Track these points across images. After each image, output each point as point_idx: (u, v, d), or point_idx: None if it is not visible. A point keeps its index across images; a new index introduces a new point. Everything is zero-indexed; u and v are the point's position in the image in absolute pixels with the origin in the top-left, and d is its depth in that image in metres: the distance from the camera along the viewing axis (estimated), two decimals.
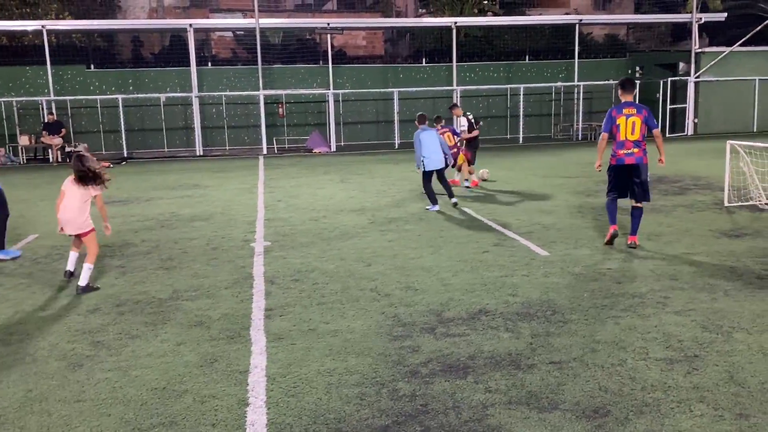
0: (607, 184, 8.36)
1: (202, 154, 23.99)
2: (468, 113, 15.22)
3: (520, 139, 26.19)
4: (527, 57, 29.20)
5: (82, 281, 6.81)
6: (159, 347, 5.25)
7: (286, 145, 25.73)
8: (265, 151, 23.88)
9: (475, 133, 14.28)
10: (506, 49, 29.74)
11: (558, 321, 5.60)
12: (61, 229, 7.02)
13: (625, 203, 8.37)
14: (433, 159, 11.03)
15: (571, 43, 27.71)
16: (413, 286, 6.71)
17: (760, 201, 10.77)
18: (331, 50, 25.47)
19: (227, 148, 25.65)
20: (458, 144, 13.31)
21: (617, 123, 7.99)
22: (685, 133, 26.10)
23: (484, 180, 14.57)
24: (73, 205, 6.89)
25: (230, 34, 30.46)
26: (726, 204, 10.74)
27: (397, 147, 24.82)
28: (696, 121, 26.46)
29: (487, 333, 5.36)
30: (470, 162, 14.08)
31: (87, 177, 6.93)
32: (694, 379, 4.42)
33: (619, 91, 8.26)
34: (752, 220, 9.54)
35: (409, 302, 6.19)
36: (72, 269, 7.28)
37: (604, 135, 8.19)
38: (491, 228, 9.48)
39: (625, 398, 4.17)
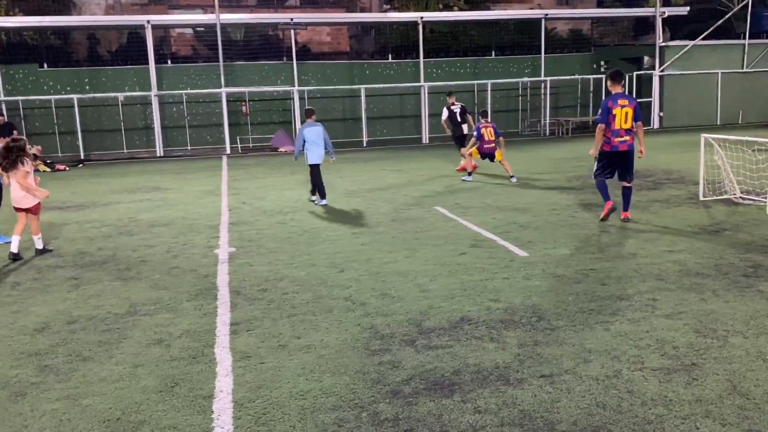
0: (596, 168, 9.14)
1: (162, 155, 23.25)
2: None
3: None
4: (493, 53, 29.07)
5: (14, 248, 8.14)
6: (113, 371, 4.76)
7: (251, 145, 25.14)
8: (228, 151, 23.25)
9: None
10: (472, 44, 29.56)
11: (545, 328, 5.28)
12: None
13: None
14: (315, 153, 11.52)
15: (535, 38, 27.65)
16: (390, 293, 6.33)
17: (734, 195, 10.66)
18: (295, 46, 24.93)
19: (189, 148, 24.93)
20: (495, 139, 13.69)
21: (613, 113, 8.62)
22: (651, 127, 26.25)
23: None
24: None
25: (190, 30, 29.65)
26: (701, 198, 10.60)
27: (365, 145, 24.41)
28: (661, 114, 26.64)
29: (471, 344, 5.00)
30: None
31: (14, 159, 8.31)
32: (695, 390, 4.12)
33: (609, 83, 8.90)
34: (729, 215, 9.40)
35: (386, 311, 5.80)
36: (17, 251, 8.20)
37: (602, 126, 8.75)
38: (466, 228, 9.15)
39: (625, 415, 3.85)
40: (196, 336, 5.40)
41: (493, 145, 13.61)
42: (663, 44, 26.22)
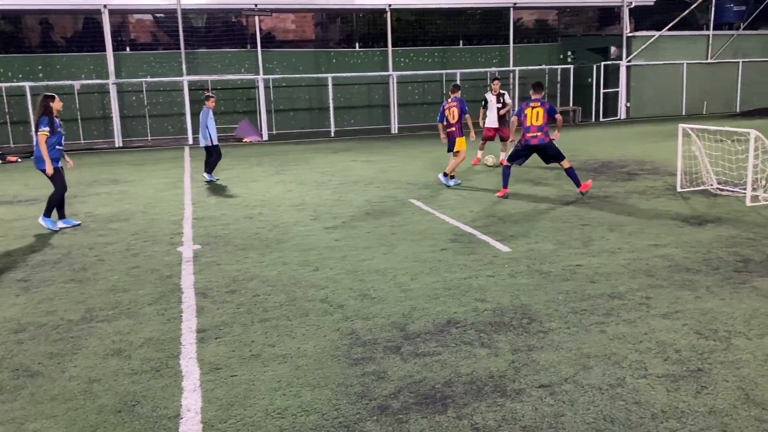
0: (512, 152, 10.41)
1: (121, 145, 22.36)
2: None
3: None
4: (461, 42, 28.76)
5: None
6: (66, 388, 4.26)
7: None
8: (191, 141, 22.47)
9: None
10: (439, 34, 29.19)
11: (538, 331, 4.94)
12: None
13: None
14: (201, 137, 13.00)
15: (503, 28, 27.42)
16: (369, 293, 5.92)
17: (711, 186, 10.52)
18: (260, 34, 24.19)
19: (149, 138, 24.05)
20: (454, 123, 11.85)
21: (525, 113, 10.15)
22: (619, 117, 26.31)
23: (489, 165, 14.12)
24: None
25: (149, 16, 28.59)
26: (679, 189, 10.44)
27: (333, 135, 23.88)
28: (628, 105, 26.71)
29: (461, 350, 4.63)
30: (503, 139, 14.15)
31: None
32: (707, 400, 3.82)
33: (531, 92, 10.37)
34: (710, 206, 9.23)
35: (367, 314, 5.39)
36: None
37: (515, 119, 10.60)
38: (444, 222, 8.79)
39: (636, 430, 3.53)
40: (159, 345, 4.91)
41: (454, 130, 11.75)
42: (630, 34, 26.24)
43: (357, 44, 27.43)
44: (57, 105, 8.96)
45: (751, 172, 9.32)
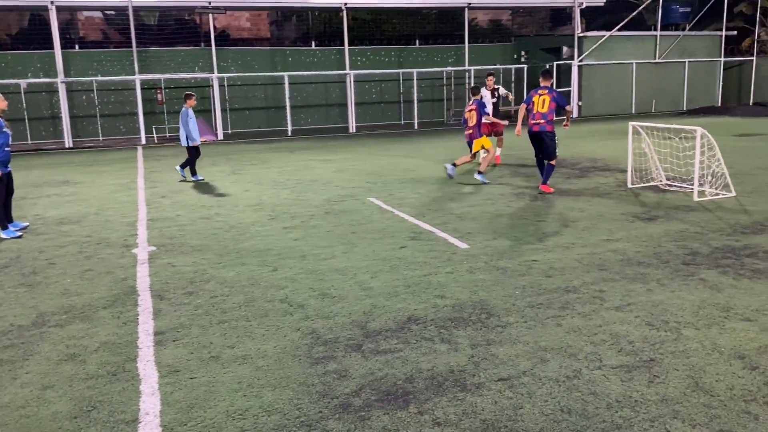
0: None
1: (71, 146, 21.77)
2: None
3: (415, 125, 25.90)
4: (417, 42, 28.93)
5: None
6: (17, 395, 4.14)
7: (167, 134, 23.94)
8: (144, 141, 22.04)
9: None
10: (396, 33, 29.30)
11: (496, 326, 5.02)
12: None
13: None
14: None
15: (458, 27, 27.70)
16: (329, 292, 5.91)
17: (660, 182, 10.84)
18: (214, 32, 23.87)
19: (101, 138, 23.48)
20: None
21: (533, 100, 10.37)
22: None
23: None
24: None
25: (99, 13, 27.91)
26: (630, 186, 10.73)
27: (290, 134, 23.74)
28: (580, 103, 27.29)
29: (422, 346, 4.68)
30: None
31: None
32: (659, 389, 3.95)
33: (540, 78, 10.51)
34: (659, 202, 9.51)
35: (327, 313, 5.39)
36: None
37: (523, 105, 10.60)
38: (404, 220, 8.84)
39: (592, 420, 3.62)
40: (115, 349, 4.81)
41: (472, 132, 11.76)
42: (581, 35, 26.81)
43: (313, 43, 27.33)
44: (1, 104, 8.61)
45: (697, 169, 9.64)
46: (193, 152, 13.04)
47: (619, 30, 26.76)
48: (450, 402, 3.88)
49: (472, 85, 13.88)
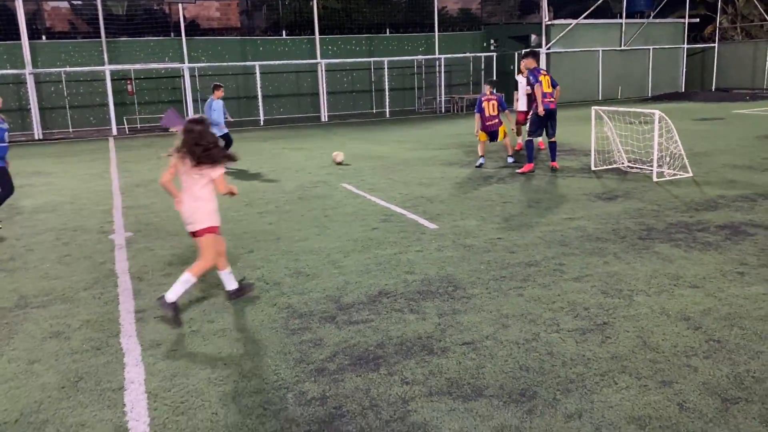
0: (531, 128, 11.03)
1: (41, 137, 21.58)
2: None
3: (387, 113, 26.11)
4: (387, 30, 29.09)
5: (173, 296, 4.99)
6: (6, 369, 4.33)
7: (138, 125, 23.84)
8: (115, 132, 21.93)
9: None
10: (366, 22, 29.44)
11: (461, 297, 5.32)
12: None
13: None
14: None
15: (428, 17, 27.93)
16: (304, 271, 6.16)
17: (623, 164, 11.26)
18: (184, 21, 23.77)
19: (71, 130, 23.29)
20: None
21: (540, 80, 10.86)
22: None
23: (338, 163, 12.96)
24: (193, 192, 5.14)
25: (66, 3, 27.54)
26: (593, 168, 11.13)
27: (262, 123, 23.80)
28: None
29: (392, 316, 4.96)
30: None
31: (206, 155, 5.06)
32: (610, 348, 4.29)
33: (531, 61, 11.18)
34: (620, 182, 9.92)
35: (302, 290, 5.64)
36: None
37: (538, 86, 10.91)
38: (375, 204, 9.10)
39: (548, 376, 3.94)
40: (98, 326, 5.01)
41: (497, 121, 11.86)
42: (549, 23, 27.23)
43: (284, 32, 27.33)
44: None
45: (656, 150, 10.06)
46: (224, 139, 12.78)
47: (585, 18, 27.25)
48: (418, 364, 4.17)
49: (492, 78, 13.45)
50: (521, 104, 13.15)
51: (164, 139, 20.05)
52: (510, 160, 12.32)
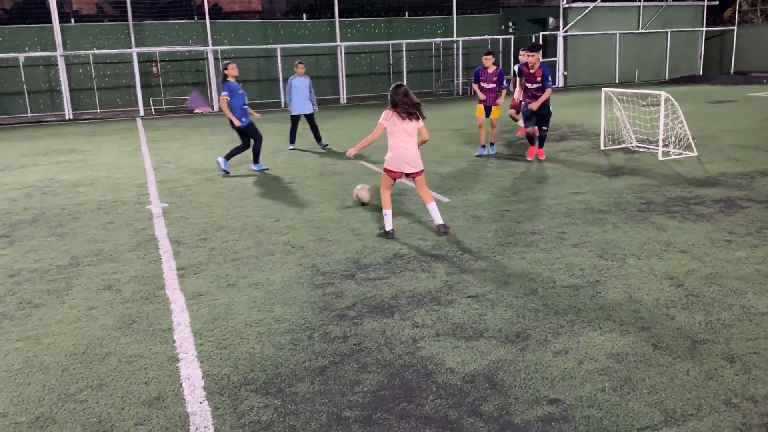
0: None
1: (72, 117, 22.36)
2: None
3: None
4: (406, 13, 29.44)
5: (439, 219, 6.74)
6: (68, 313, 4.98)
7: (164, 106, 24.55)
8: (142, 113, 22.65)
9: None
10: (385, 5, 29.81)
11: (469, 260, 5.88)
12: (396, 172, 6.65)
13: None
14: (297, 105, 12.99)
15: None
16: (326, 237, 6.76)
17: (631, 144, 11.69)
18: (207, 5, 24.35)
19: (99, 110, 24.07)
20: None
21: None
22: (556, 86, 27.56)
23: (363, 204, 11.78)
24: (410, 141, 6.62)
25: None
26: (603, 148, 11.57)
27: (283, 105, 24.37)
28: (565, 73, 27.99)
29: (405, 275, 5.54)
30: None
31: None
32: (599, 301, 4.83)
33: (535, 53, 10.81)
34: (626, 161, 10.37)
35: (325, 252, 6.24)
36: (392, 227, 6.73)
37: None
38: None
39: (541, 322, 4.50)
40: (144, 281, 5.65)
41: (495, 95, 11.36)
42: (566, 6, 27.42)
43: (304, 15, 27.81)
44: (234, 71, 10.52)
45: (662, 130, 10.48)
46: (295, 120, 13.16)
47: (603, 1, 27.38)
48: (427, 312, 4.74)
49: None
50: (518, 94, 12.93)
51: (190, 119, 20.73)
52: (492, 150, 11.62)
